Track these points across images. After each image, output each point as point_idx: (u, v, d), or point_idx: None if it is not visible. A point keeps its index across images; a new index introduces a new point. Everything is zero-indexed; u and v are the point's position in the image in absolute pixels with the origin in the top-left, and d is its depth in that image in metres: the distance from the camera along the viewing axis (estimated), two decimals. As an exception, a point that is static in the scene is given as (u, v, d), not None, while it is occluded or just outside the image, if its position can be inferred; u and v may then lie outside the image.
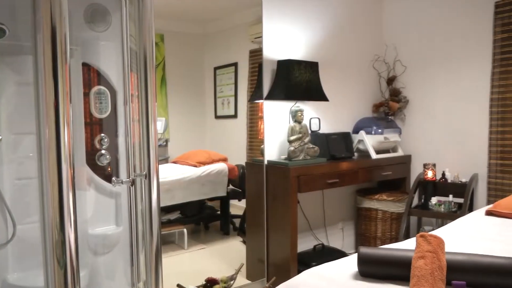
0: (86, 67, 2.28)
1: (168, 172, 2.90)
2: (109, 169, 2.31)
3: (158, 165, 1.97)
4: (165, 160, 2.89)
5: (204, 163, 3.09)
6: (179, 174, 2.96)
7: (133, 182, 2.08)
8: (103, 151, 2.30)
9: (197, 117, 3.05)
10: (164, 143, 2.88)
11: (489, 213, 2.83)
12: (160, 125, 2.85)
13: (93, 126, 2.31)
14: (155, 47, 2.80)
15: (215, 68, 3.12)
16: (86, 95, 2.28)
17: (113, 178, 2.06)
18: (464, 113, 3.63)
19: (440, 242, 1.75)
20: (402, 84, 4.04)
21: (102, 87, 2.33)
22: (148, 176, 1.91)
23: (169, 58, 2.85)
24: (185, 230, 3.06)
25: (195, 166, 3.04)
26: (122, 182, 2.07)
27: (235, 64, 3.18)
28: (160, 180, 2.79)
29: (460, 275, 1.68)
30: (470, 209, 3.43)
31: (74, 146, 1.56)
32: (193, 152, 3.06)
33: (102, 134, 2.31)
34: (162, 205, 2.84)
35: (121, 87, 2.36)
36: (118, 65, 2.36)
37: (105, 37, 2.32)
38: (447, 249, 2.10)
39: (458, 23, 3.64)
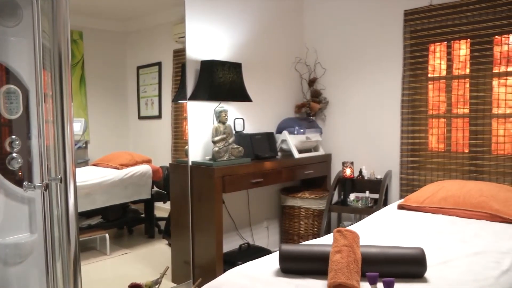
0: (-6, 64, 2.12)
1: (88, 175, 2.80)
2: (20, 173, 2.17)
3: (75, 168, 1.88)
4: (85, 163, 2.79)
5: (127, 165, 3.01)
6: (100, 177, 2.87)
7: (46, 187, 1.98)
8: (14, 154, 2.16)
9: (119, 117, 2.97)
10: (84, 145, 2.77)
11: (400, 207, 3.03)
12: (79, 126, 2.74)
13: (2, 127, 2.16)
14: (74, 45, 2.69)
15: (138, 68, 3.05)
16: (-6, 94, 2.13)
17: (25, 183, 1.94)
18: (379, 114, 3.86)
19: (355, 236, 1.85)
20: (322, 86, 4.20)
21: (12, 86, 2.18)
22: (64, 180, 1.82)
23: (88, 57, 2.74)
24: (107, 235, 2.96)
25: (117, 168, 2.96)
26: (34, 187, 1.95)
27: (158, 64, 3.14)
28: (80, 183, 2.71)
29: (373, 266, 1.79)
30: (385, 203, 3.65)
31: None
32: (115, 154, 2.98)
33: (13, 136, 2.16)
34: (82, 209, 2.75)
35: (34, 86, 2.23)
36: (30, 63, 2.23)
37: (16, 33, 2.18)
38: (363, 242, 2.22)
39: (372, 29, 3.86)
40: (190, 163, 3.14)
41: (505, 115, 3.22)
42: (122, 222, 3.14)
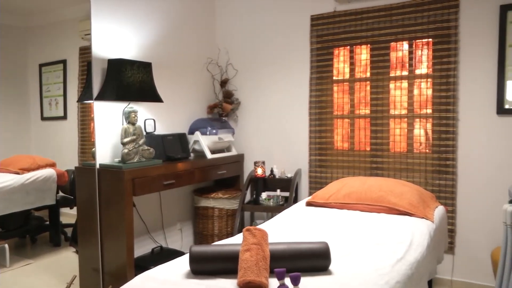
0: None
1: (-16, 182, 2.62)
2: None
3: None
4: (-19, 168, 2.62)
5: (28, 170, 2.87)
6: (-2, 183, 2.69)
7: None
8: None
9: (20, 118, 2.82)
10: (-21, 149, 2.59)
11: (308, 204, 3.17)
12: (-27, 128, 2.57)
13: None
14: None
15: (41, 65, 2.92)
16: None
17: None
18: (289, 114, 3.99)
19: (263, 234, 1.91)
20: (234, 87, 4.26)
21: None
22: (-50, 188, 1.67)
23: (-16, 53, 2.58)
24: (6, 245, 2.81)
25: (18, 173, 2.82)
26: None
27: (63, 62, 3.01)
28: (-27, 191, 2.52)
29: (281, 262, 1.86)
30: (295, 201, 3.78)
31: None
32: (15, 158, 2.83)
33: None
34: (-25, 219, 2.57)
35: None
36: None
37: None
38: (273, 239, 2.29)
39: (282, 32, 3.99)
40: (97, 166, 3.02)
41: (401, 115, 3.50)
42: (24, 231, 3.01)
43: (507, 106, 3.09)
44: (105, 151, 3.13)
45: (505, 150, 3.13)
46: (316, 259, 1.89)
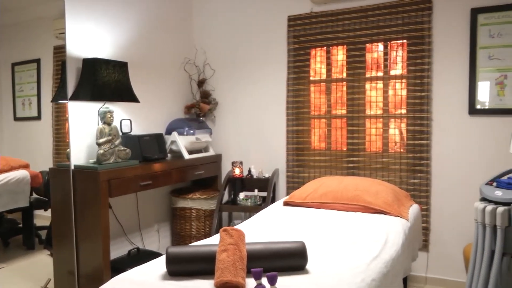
0: None
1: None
2: None
3: None
4: (-49, 170, 2.55)
5: (0, 171, 2.80)
6: (-31, 185, 2.63)
7: None
8: None
9: (-9, 119, 2.74)
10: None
11: (286, 203, 3.18)
12: None
13: None
14: None
15: (13, 64, 2.85)
16: None
17: None
18: (267, 114, 4.01)
19: (240, 234, 1.91)
20: (212, 87, 4.25)
21: None
22: None
23: (-47, 51, 2.51)
24: (-23, 249, 2.72)
25: (-11, 175, 2.73)
26: None
27: (37, 61, 2.95)
28: None
29: (258, 262, 1.87)
30: (273, 201, 3.80)
31: None
32: (-13, 159, 2.73)
33: None
34: None
35: None
36: None
37: None
38: (250, 239, 2.30)
39: (260, 32, 4.00)
40: (72, 167, 2.98)
41: (376, 115, 3.55)
42: (-5, 234, 2.92)
43: (478, 107, 3.17)
44: (80, 152, 3.09)
45: (476, 149, 3.21)
46: (293, 259, 1.90)
